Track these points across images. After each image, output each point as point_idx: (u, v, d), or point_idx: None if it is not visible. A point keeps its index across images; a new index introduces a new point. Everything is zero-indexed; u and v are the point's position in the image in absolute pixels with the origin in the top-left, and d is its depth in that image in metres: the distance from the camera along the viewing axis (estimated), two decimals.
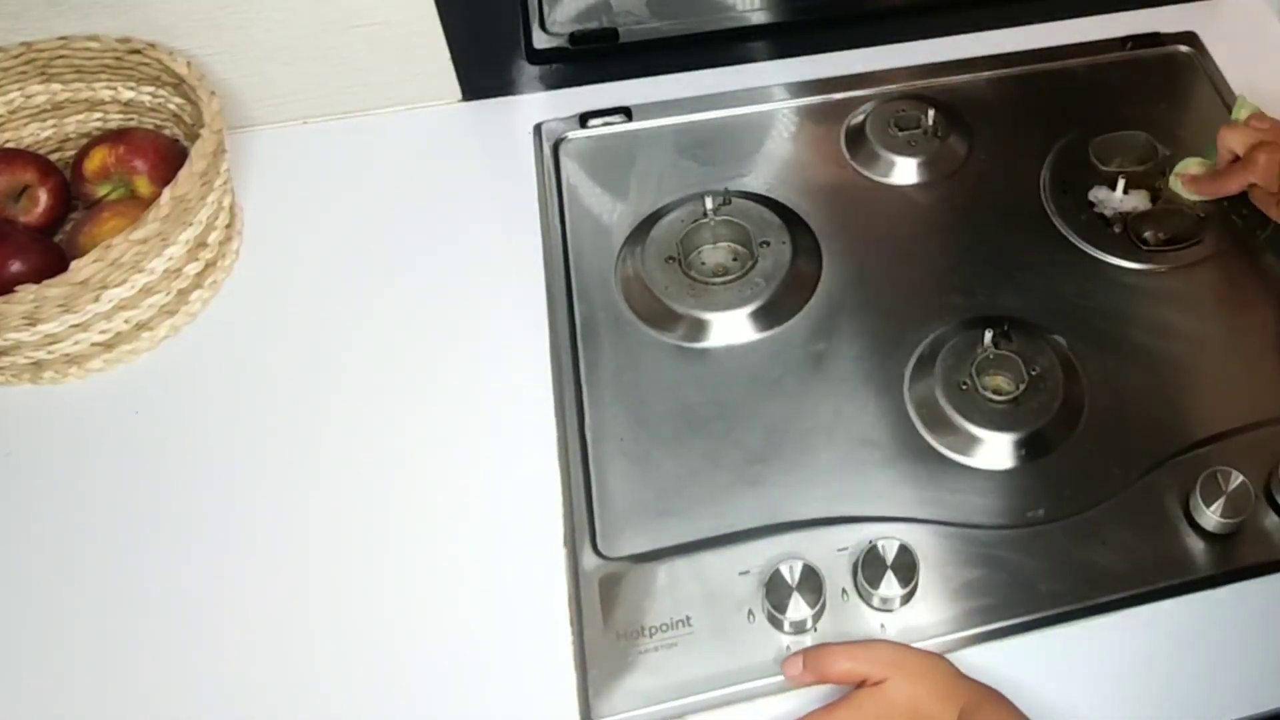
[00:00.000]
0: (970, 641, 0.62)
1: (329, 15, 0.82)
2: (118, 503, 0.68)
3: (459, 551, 0.66)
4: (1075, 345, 0.74)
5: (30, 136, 0.83)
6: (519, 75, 0.91)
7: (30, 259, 0.73)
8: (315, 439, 0.71)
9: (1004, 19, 0.96)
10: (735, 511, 0.67)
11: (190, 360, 0.75)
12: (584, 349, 0.75)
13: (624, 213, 0.83)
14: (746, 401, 0.72)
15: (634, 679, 0.61)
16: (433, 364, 0.75)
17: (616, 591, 0.64)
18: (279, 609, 0.64)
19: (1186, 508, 0.66)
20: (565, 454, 0.70)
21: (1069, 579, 0.64)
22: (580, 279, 0.79)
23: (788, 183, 0.85)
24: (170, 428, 0.72)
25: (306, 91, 0.87)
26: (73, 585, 0.65)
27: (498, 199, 0.84)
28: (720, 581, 0.64)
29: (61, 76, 0.81)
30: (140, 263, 0.71)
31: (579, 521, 0.67)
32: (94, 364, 0.74)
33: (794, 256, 0.78)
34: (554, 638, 0.63)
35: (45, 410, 0.73)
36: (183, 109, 0.82)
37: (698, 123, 0.89)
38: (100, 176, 0.80)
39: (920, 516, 0.67)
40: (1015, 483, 0.68)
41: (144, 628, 0.63)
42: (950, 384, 0.71)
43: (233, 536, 0.67)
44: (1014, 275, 0.79)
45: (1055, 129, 0.88)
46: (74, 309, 0.70)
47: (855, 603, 0.63)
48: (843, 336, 0.76)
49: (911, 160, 0.85)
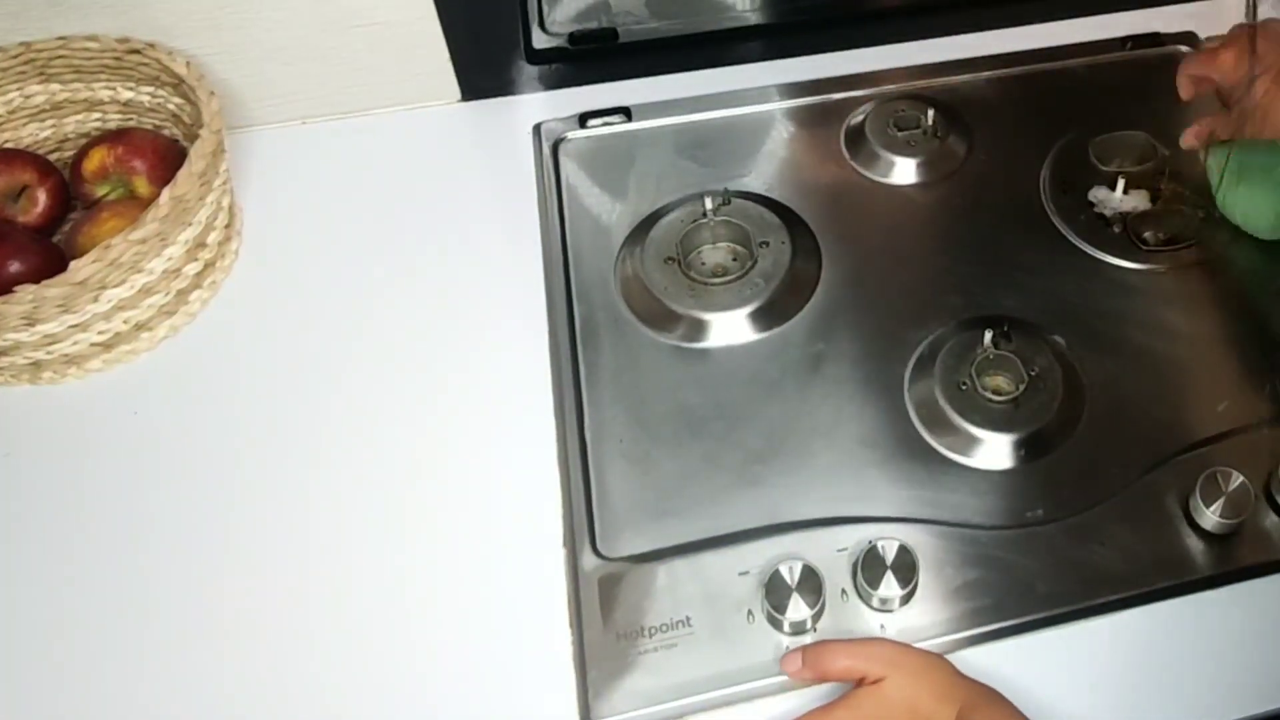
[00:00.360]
0: (970, 642, 0.62)
1: (328, 15, 0.82)
2: (116, 503, 0.68)
3: (458, 552, 0.66)
4: (1075, 345, 0.74)
5: (29, 136, 0.83)
6: (518, 75, 0.91)
7: (29, 259, 0.73)
8: (314, 439, 0.71)
9: (1004, 19, 0.96)
10: (735, 512, 0.67)
11: (189, 361, 0.75)
12: (583, 349, 0.75)
13: (623, 213, 0.83)
14: (746, 402, 0.72)
15: (634, 679, 0.60)
16: (432, 364, 0.75)
17: (616, 592, 0.64)
18: (277, 609, 0.64)
19: (1186, 508, 0.66)
20: (565, 454, 0.70)
21: (1068, 579, 0.64)
22: (579, 279, 0.79)
23: (787, 183, 0.85)
24: (169, 428, 0.72)
25: (306, 91, 0.87)
26: (71, 586, 0.65)
27: (497, 199, 0.84)
28: (720, 582, 0.64)
29: (60, 76, 0.81)
30: (139, 263, 0.71)
31: (578, 522, 0.66)
32: (93, 364, 0.74)
33: (793, 257, 0.78)
34: (553, 638, 0.62)
35: (44, 411, 0.73)
36: (182, 109, 0.82)
37: (697, 123, 0.89)
38: (99, 177, 0.80)
39: (920, 517, 0.67)
40: (1014, 483, 0.68)
41: (142, 628, 0.63)
42: (950, 384, 0.71)
43: (231, 538, 0.67)
44: (1013, 275, 0.79)
45: (1055, 129, 0.88)
46: (73, 309, 0.70)
47: (855, 603, 0.63)
48: (842, 337, 0.76)
49: (911, 160, 0.85)
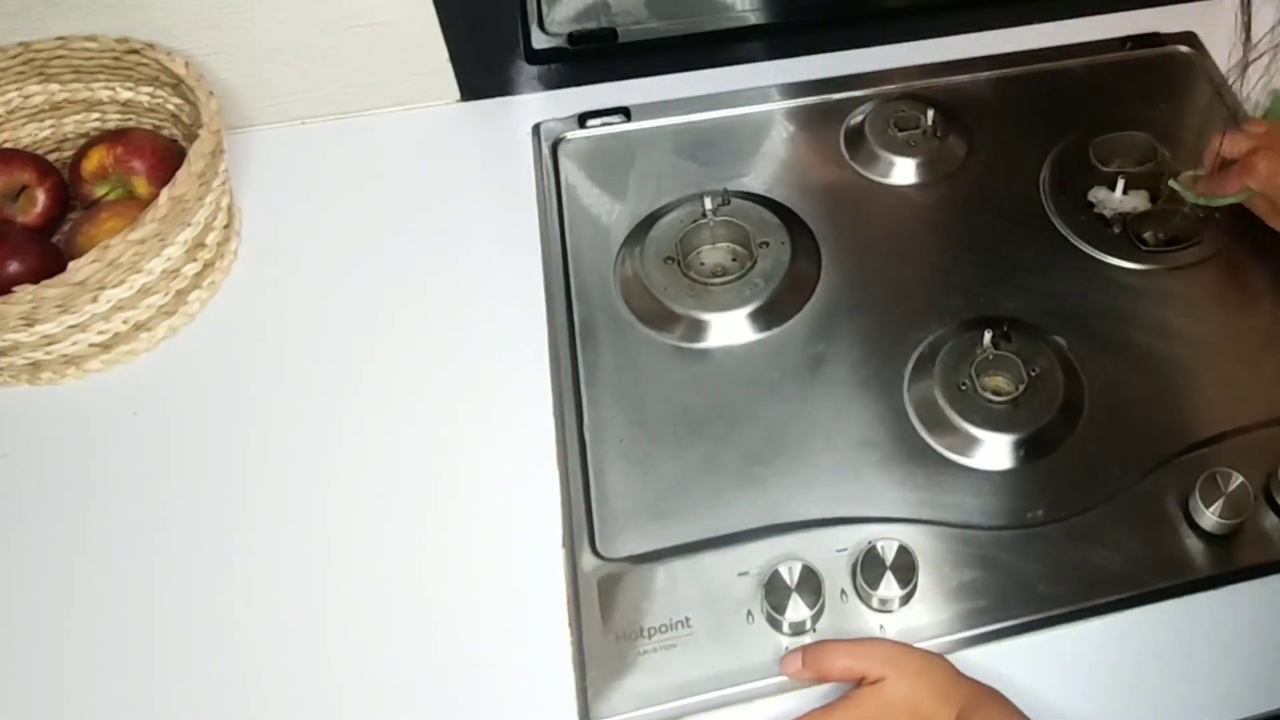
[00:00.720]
0: (969, 643, 0.62)
1: (328, 15, 0.82)
2: (116, 505, 0.68)
3: (457, 553, 0.66)
4: (1075, 346, 0.74)
5: (28, 137, 0.83)
6: (517, 75, 0.91)
7: (28, 259, 0.73)
8: (313, 440, 0.71)
9: (1003, 19, 0.96)
10: (734, 512, 0.67)
11: (189, 361, 0.75)
12: (583, 350, 0.75)
13: (623, 213, 0.83)
14: (745, 402, 0.72)
15: (633, 680, 0.60)
16: (431, 365, 0.75)
17: (615, 592, 0.64)
18: (276, 610, 0.64)
19: (1186, 509, 0.66)
20: (564, 455, 0.69)
21: (1068, 580, 0.64)
22: (579, 280, 0.79)
23: (787, 183, 0.85)
24: (168, 429, 0.72)
25: (305, 92, 0.87)
26: (70, 587, 0.65)
27: (496, 199, 0.84)
28: (719, 582, 0.64)
29: (59, 77, 0.81)
30: (138, 263, 0.71)
31: (578, 522, 0.66)
32: (92, 365, 0.74)
33: (793, 257, 0.78)
34: (553, 639, 0.62)
35: (43, 411, 0.73)
36: (181, 109, 0.82)
37: (697, 123, 0.89)
38: (98, 177, 0.79)
39: (919, 517, 0.66)
40: (1014, 484, 0.68)
41: (141, 629, 0.63)
42: (950, 385, 0.71)
43: (230, 539, 0.67)
44: (1013, 276, 0.79)
45: (1055, 129, 0.87)
46: (72, 310, 0.69)
47: (854, 604, 0.63)
48: (842, 337, 0.75)
49: (911, 160, 0.85)
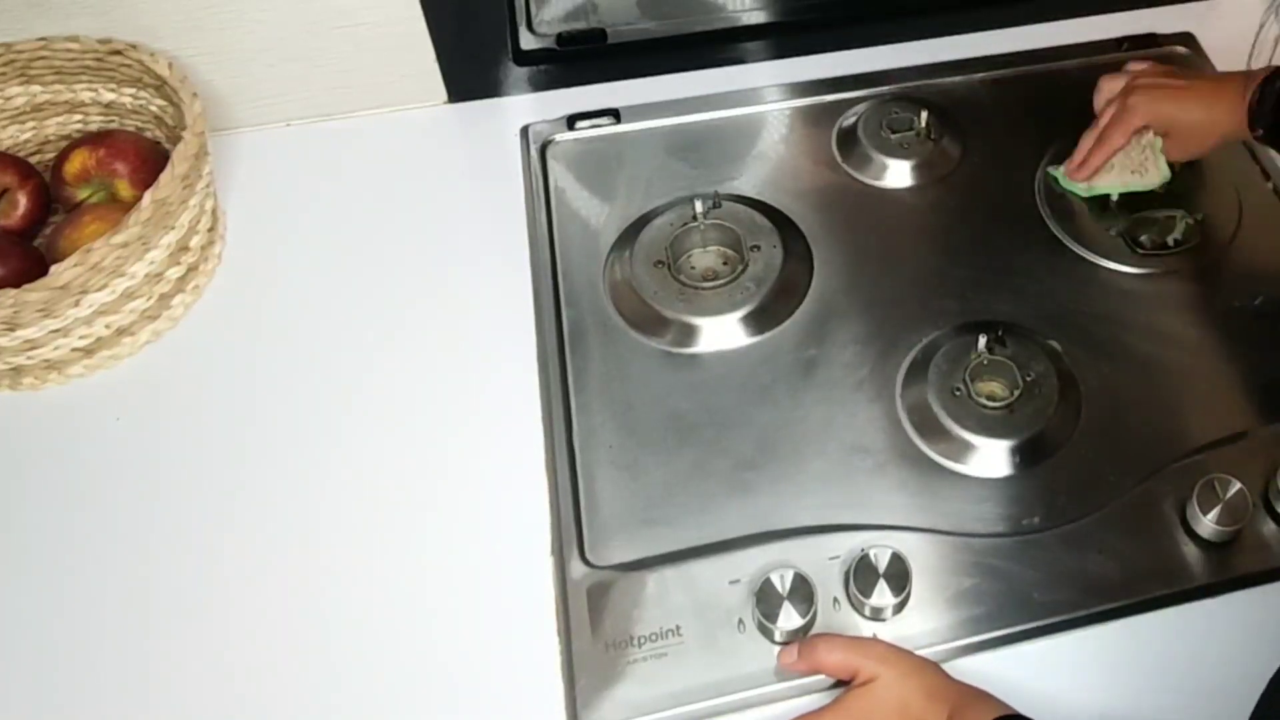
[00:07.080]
0: (964, 651, 0.62)
1: (313, 16, 0.82)
2: (98, 512, 0.68)
3: (445, 560, 0.66)
4: (1070, 350, 0.73)
5: (9, 139, 0.82)
6: (506, 77, 0.90)
7: (9, 263, 0.73)
8: (298, 446, 0.71)
9: (999, 20, 0.96)
10: (725, 519, 0.66)
11: (172, 365, 0.75)
12: (571, 355, 0.74)
13: (612, 216, 0.82)
14: (737, 408, 0.72)
15: (623, 689, 0.60)
16: (418, 369, 0.74)
17: (605, 601, 0.63)
18: (262, 617, 0.63)
19: (1183, 515, 0.66)
20: (553, 461, 0.69)
21: (1064, 588, 0.64)
22: (568, 284, 0.78)
23: (778, 186, 0.84)
24: (151, 434, 0.71)
25: (290, 93, 0.87)
26: (52, 594, 0.64)
27: (484, 202, 0.84)
28: (710, 591, 0.63)
29: (41, 78, 0.80)
30: (121, 267, 0.71)
31: (566, 530, 0.66)
32: (74, 369, 0.73)
33: (785, 260, 0.78)
34: (542, 647, 0.62)
35: (24, 417, 0.72)
36: (164, 111, 0.81)
37: (687, 125, 0.89)
38: (81, 179, 0.79)
39: (913, 524, 0.66)
40: (1010, 490, 0.68)
41: (123, 634, 0.63)
42: (944, 390, 0.70)
43: (214, 545, 0.66)
44: (1008, 279, 0.78)
45: (1050, 131, 0.87)
46: (54, 314, 0.69)
47: (847, 612, 0.62)
48: (834, 342, 0.75)
49: (904, 163, 0.85)
